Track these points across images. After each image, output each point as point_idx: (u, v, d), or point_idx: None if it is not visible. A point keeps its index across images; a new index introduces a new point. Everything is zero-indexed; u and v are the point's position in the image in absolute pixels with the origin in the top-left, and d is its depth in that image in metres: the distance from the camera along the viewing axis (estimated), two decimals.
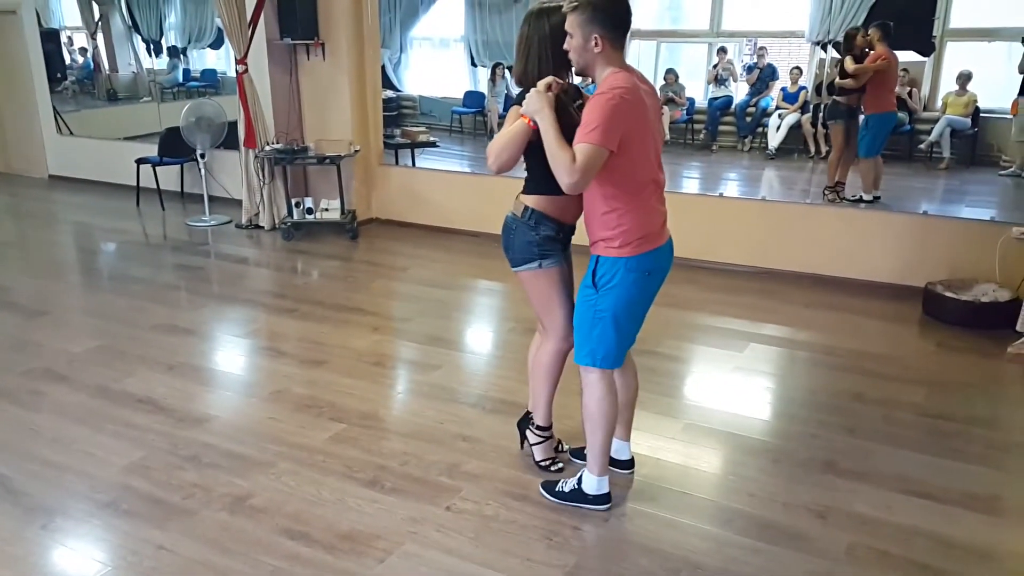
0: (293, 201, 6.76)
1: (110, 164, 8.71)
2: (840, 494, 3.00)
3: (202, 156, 7.12)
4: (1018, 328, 4.47)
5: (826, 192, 6.43)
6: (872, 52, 6.33)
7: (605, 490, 2.86)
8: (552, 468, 3.11)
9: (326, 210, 6.81)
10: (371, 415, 3.61)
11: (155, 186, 7.83)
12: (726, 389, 3.92)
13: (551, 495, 2.94)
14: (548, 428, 3.12)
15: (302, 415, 3.60)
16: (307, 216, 6.73)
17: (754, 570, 2.58)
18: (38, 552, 2.67)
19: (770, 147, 8.50)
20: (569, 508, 2.88)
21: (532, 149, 2.57)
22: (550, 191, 2.66)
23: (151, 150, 7.92)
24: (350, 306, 5.09)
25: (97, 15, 10.07)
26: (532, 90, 2.55)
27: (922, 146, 8.05)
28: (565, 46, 2.53)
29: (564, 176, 2.41)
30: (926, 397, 3.82)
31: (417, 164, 7.91)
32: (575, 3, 2.45)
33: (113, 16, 10.06)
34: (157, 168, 7.78)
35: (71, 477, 3.09)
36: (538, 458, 3.14)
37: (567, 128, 2.47)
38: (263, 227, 6.95)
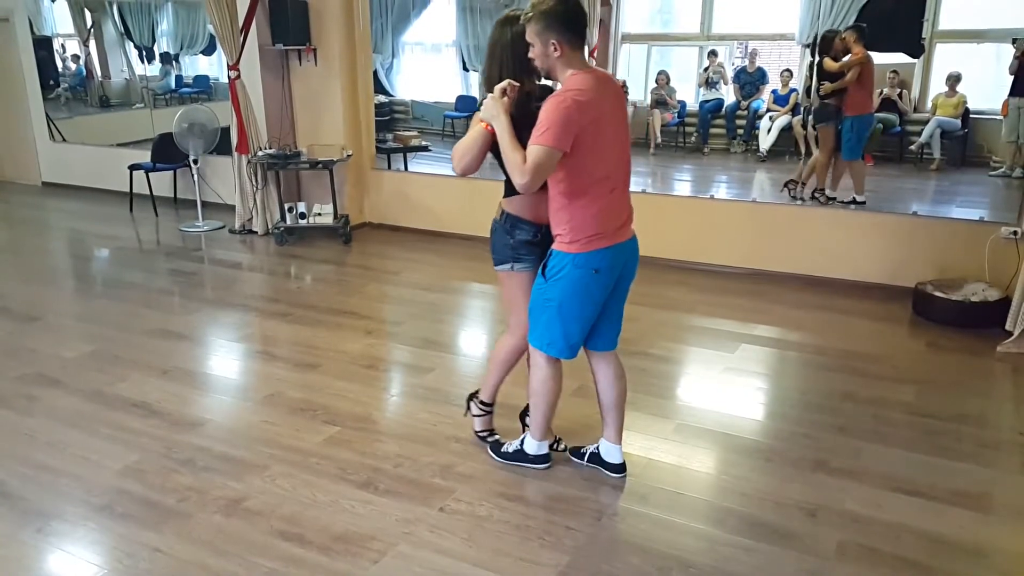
0: (286, 206, 6.77)
1: (103, 170, 8.71)
2: (831, 492, 3.02)
3: (195, 162, 7.13)
4: (1007, 327, 4.51)
5: (816, 195, 6.46)
6: (850, 54, 6.34)
7: (544, 451, 3.14)
8: (489, 439, 3.33)
9: (319, 215, 6.82)
10: (365, 418, 3.63)
11: (148, 192, 7.83)
12: (718, 390, 3.95)
13: (497, 455, 3.22)
14: (491, 405, 3.35)
15: (296, 418, 3.61)
16: (300, 221, 6.75)
17: (746, 569, 2.60)
18: (33, 556, 2.68)
19: (761, 149, 8.54)
20: (561, 508, 2.91)
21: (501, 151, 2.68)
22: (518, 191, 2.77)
23: (144, 156, 7.93)
24: (343, 310, 5.11)
25: (89, 22, 10.07)
26: (488, 96, 2.68)
27: (912, 147, 8.10)
28: (530, 54, 2.65)
29: (516, 176, 2.56)
30: (916, 396, 3.85)
31: (409, 168, 7.93)
32: (530, 14, 2.59)
33: (105, 23, 10.07)
34: (150, 174, 7.78)
35: (66, 481, 3.09)
36: (477, 428, 3.38)
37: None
38: (256, 232, 6.96)
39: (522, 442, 3.15)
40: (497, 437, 3.32)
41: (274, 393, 3.88)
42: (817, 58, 6.63)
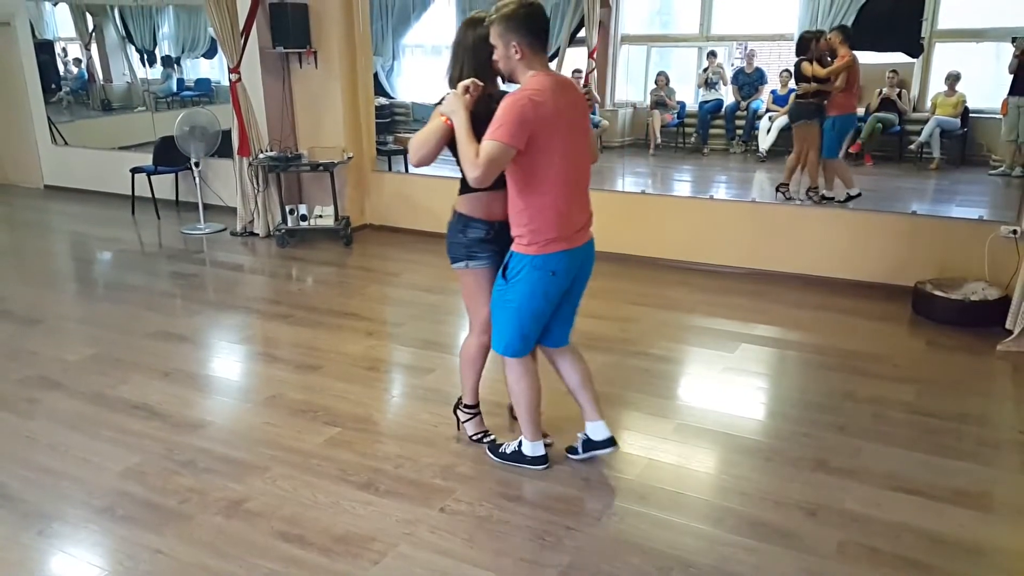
0: (287, 208, 6.78)
1: (105, 174, 8.73)
2: (831, 492, 3.02)
3: (196, 164, 7.15)
4: (1007, 326, 4.51)
5: (810, 193, 6.49)
6: (838, 54, 6.37)
7: (541, 452, 3.16)
8: (484, 440, 3.35)
9: (320, 216, 6.84)
10: (365, 419, 3.64)
11: (150, 195, 7.85)
12: (718, 389, 3.95)
13: (495, 455, 3.24)
14: (475, 406, 3.38)
15: (297, 420, 3.62)
16: (301, 223, 6.76)
17: (746, 568, 2.60)
18: (35, 558, 2.69)
19: (761, 150, 8.55)
20: (561, 508, 2.91)
21: (455, 149, 2.77)
22: (472, 188, 2.84)
23: (146, 159, 7.95)
24: (344, 311, 5.12)
25: (91, 26, 10.10)
26: (450, 92, 2.77)
27: (912, 147, 8.12)
28: (494, 56, 2.74)
29: (468, 169, 2.64)
30: (916, 395, 3.85)
31: (410, 170, 7.93)
32: (493, 17, 2.70)
33: (107, 27, 10.09)
34: (152, 177, 7.80)
35: (67, 483, 3.10)
36: (470, 432, 3.39)
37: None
38: (258, 234, 6.97)
39: (519, 443, 3.18)
40: (493, 437, 3.35)
41: (275, 395, 3.89)
42: (796, 58, 6.65)
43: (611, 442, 3.16)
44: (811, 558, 2.64)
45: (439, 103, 2.80)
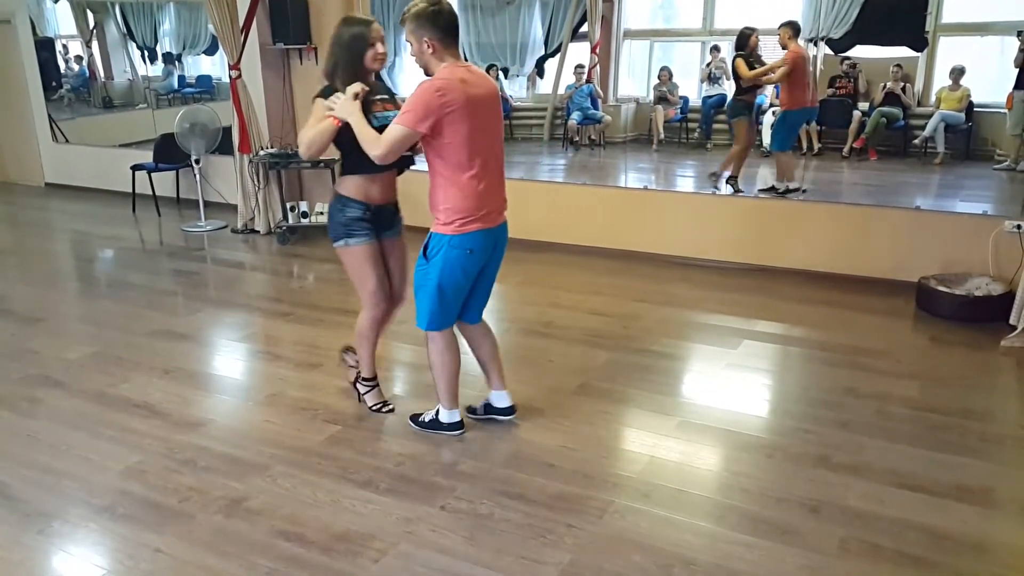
0: (288, 205, 6.77)
1: (106, 171, 8.73)
2: (833, 488, 3.01)
3: (197, 162, 7.14)
4: (1011, 321, 4.49)
5: (729, 182, 6.58)
6: (788, 49, 6.43)
7: (457, 419, 3.40)
8: (384, 410, 3.62)
9: (321, 213, 6.82)
10: (366, 417, 3.63)
11: (151, 192, 7.85)
12: (720, 386, 3.93)
13: (416, 425, 3.46)
14: (373, 379, 3.64)
15: (297, 418, 3.62)
16: (302, 220, 6.75)
17: (747, 565, 2.59)
18: (36, 557, 2.68)
19: (764, 144, 8.51)
20: (562, 506, 2.90)
21: (339, 138, 3.10)
22: (351, 171, 3.21)
23: (146, 157, 7.95)
24: (345, 309, 5.10)
25: (92, 23, 10.09)
26: (343, 98, 3.04)
27: (916, 141, 8.07)
28: (409, 52, 2.98)
29: (372, 150, 2.93)
30: (920, 391, 3.84)
31: (410, 167, 7.91)
32: (405, 16, 2.92)
33: (108, 24, 10.08)
34: (152, 174, 7.80)
35: (68, 482, 3.10)
36: (370, 404, 3.63)
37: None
38: (259, 231, 6.96)
39: (436, 412, 3.40)
40: (392, 407, 3.62)
41: (276, 393, 3.88)
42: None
43: (511, 410, 3.49)
44: (813, 555, 2.63)
45: (319, 95, 3.13)
